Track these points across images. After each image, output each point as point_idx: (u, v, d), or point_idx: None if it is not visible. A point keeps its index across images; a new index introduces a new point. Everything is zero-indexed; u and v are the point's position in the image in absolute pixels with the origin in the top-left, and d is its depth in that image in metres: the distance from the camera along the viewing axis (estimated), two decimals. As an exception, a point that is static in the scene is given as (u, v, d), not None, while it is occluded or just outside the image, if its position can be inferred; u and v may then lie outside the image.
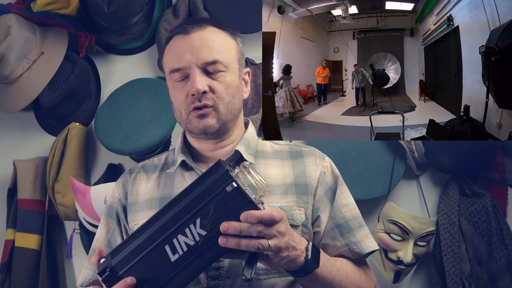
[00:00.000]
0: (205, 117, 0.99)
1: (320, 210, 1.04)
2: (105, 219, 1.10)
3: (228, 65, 1.01)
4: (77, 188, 1.60)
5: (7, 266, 1.74)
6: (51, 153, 1.76)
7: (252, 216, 0.78)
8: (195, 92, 0.97)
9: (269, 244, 0.80)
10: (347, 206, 1.08)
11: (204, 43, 1.00)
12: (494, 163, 1.62)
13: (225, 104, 1.00)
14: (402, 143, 1.56)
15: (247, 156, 1.04)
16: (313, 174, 1.05)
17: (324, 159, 1.09)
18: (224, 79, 1.00)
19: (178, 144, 1.10)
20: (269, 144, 1.12)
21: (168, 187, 1.05)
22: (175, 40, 1.03)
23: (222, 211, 0.79)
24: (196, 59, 0.98)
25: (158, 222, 0.81)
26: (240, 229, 0.78)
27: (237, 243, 0.78)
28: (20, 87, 1.72)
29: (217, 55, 0.99)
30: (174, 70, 1.01)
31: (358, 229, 1.06)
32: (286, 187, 1.03)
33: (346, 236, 1.05)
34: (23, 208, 1.75)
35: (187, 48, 0.99)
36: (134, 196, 1.08)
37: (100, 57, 1.89)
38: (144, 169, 1.12)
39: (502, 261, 1.52)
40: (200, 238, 0.80)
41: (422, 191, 1.69)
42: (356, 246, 1.05)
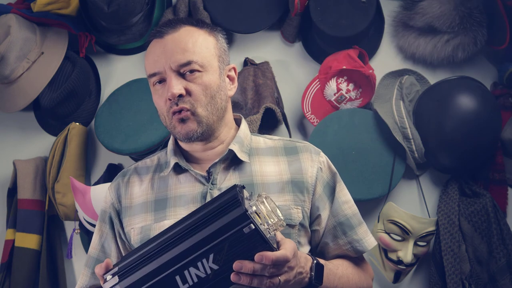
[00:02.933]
0: (185, 122, 0.97)
1: (320, 208, 1.03)
2: (99, 224, 1.09)
3: (204, 65, 0.98)
4: (77, 188, 1.60)
5: (7, 266, 1.74)
6: (51, 153, 1.76)
7: (267, 259, 0.78)
8: (171, 97, 0.95)
9: (280, 280, 0.80)
10: (347, 203, 1.07)
11: (177, 45, 0.97)
12: (494, 163, 1.62)
13: (203, 106, 0.98)
14: (402, 143, 1.56)
15: (241, 154, 1.02)
16: (309, 170, 1.04)
17: (319, 155, 1.07)
18: (201, 80, 0.97)
19: (170, 145, 1.08)
20: (262, 140, 1.10)
21: (162, 189, 1.04)
22: (151, 44, 1.02)
23: (237, 248, 0.79)
24: (170, 62, 0.96)
25: (171, 251, 0.81)
26: (254, 270, 0.78)
27: (249, 281, 0.79)
28: (20, 87, 1.72)
29: (191, 56, 0.97)
30: (151, 75, 0.99)
31: (359, 226, 1.06)
32: (283, 185, 1.01)
33: (349, 234, 1.04)
34: (23, 208, 1.75)
35: (161, 52, 0.98)
36: (129, 199, 1.06)
37: (100, 57, 1.89)
38: (137, 171, 1.10)
39: (502, 261, 1.52)
40: (211, 271, 0.79)
41: (422, 191, 1.69)
42: (358, 243, 1.05)
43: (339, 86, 1.66)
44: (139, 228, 1.02)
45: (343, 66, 1.62)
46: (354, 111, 1.65)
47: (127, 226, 1.04)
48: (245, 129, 1.08)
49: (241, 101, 1.67)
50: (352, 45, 1.67)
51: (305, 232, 1.02)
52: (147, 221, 1.01)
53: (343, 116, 1.64)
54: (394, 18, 1.74)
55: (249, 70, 1.72)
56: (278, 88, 1.75)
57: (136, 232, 1.02)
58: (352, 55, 1.64)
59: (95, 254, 1.08)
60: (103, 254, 1.07)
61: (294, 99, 1.78)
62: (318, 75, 1.69)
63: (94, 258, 1.08)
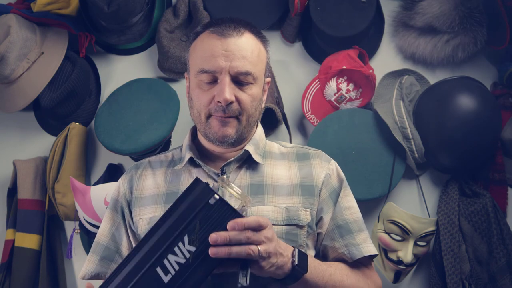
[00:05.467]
0: (226, 126, 0.98)
1: (323, 211, 1.04)
2: (110, 212, 1.10)
3: (257, 78, 1.00)
4: (77, 188, 1.60)
5: (7, 266, 1.73)
6: (51, 153, 1.76)
7: (239, 224, 0.79)
8: (222, 101, 0.96)
9: (259, 249, 0.80)
10: (349, 209, 1.08)
11: (240, 51, 0.97)
12: (494, 163, 1.62)
13: (247, 116, 1.00)
14: (402, 143, 1.56)
15: (255, 156, 1.04)
16: (319, 176, 1.05)
17: (330, 162, 1.09)
18: (251, 91, 0.99)
19: (186, 141, 1.09)
20: (276, 146, 1.12)
21: (175, 183, 1.05)
22: (209, 39, 0.99)
23: (208, 224, 0.80)
24: (230, 67, 0.96)
25: (146, 245, 0.81)
26: (229, 238, 0.79)
27: (228, 251, 0.79)
28: (20, 87, 1.72)
29: (250, 67, 0.98)
30: (204, 71, 0.98)
31: (358, 232, 1.06)
32: (292, 188, 1.03)
33: (346, 237, 1.04)
34: (23, 208, 1.74)
35: (222, 53, 0.97)
36: (140, 190, 1.07)
37: (100, 57, 1.89)
38: (151, 164, 1.11)
39: (502, 261, 1.52)
40: (190, 255, 0.80)
41: (422, 191, 1.69)
42: (355, 248, 1.04)
43: (339, 86, 1.66)
44: (147, 219, 1.03)
45: (343, 66, 1.62)
46: (354, 111, 1.65)
47: (136, 216, 1.05)
48: (260, 133, 1.11)
49: (241, 101, 1.67)
50: (352, 45, 1.67)
51: (313, 235, 1.03)
52: (156, 212, 1.02)
53: (343, 116, 1.65)
54: (394, 18, 1.74)
55: (249, 70, 1.72)
56: (278, 88, 1.74)
57: (145, 222, 1.03)
58: (352, 55, 1.64)
59: (104, 241, 1.08)
60: (113, 243, 1.07)
61: (294, 99, 1.78)
62: (318, 75, 1.69)
63: (103, 245, 1.07)
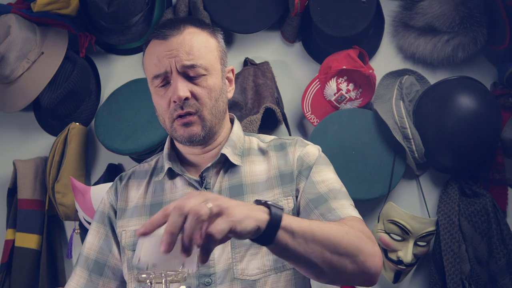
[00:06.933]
0: (189, 126, 0.97)
1: (298, 191, 1.00)
2: (97, 225, 1.08)
3: (208, 68, 0.98)
4: (77, 188, 1.60)
5: (7, 266, 1.73)
6: (51, 153, 1.76)
7: (154, 223, 0.70)
8: (177, 99, 0.95)
9: (207, 207, 0.67)
10: (323, 182, 0.99)
11: (182, 47, 0.96)
12: (494, 163, 1.62)
13: (209, 110, 0.98)
14: (402, 143, 1.56)
15: (233, 158, 1.02)
16: (294, 160, 1.02)
17: (305, 147, 1.05)
18: (205, 83, 0.97)
19: (166, 150, 1.08)
20: (256, 141, 1.09)
21: (159, 193, 1.04)
22: (152, 45, 1.00)
23: None
24: (176, 64, 0.96)
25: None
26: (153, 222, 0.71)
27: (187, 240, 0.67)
28: (20, 87, 1.72)
29: (196, 59, 0.96)
30: (155, 77, 0.98)
31: (333, 200, 0.96)
32: (271, 181, 1.01)
33: (320, 207, 0.95)
34: (23, 208, 1.74)
35: (165, 54, 0.96)
36: (124, 202, 1.06)
37: (100, 57, 1.89)
38: (135, 175, 1.10)
39: (502, 261, 1.52)
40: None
41: (422, 191, 1.69)
42: (331, 213, 0.93)
43: (339, 86, 1.66)
44: (131, 231, 1.01)
45: (343, 66, 1.62)
46: (354, 111, 1.65)
47: (119, 228, 1.04)
48: (237, 130, 1.08)
49: (241, 101, 1.67)
50: (352, 45, 1.67)
51: None
52: (141, 224, 1.01)
53: (343, 116, 1.64)
54: (394, 18, 1.74)
55: (249, 70, 1.72)
56: (278, 88, 1.74)
57: (128, 235, 1.02)
58: (352, 55, 1.64)
59: (93, 255, 1.06)
60: (101, 256, 1.06)
61: (294, 99, 1.78)
62: (318, 75, 1.69)
63: (92, 260, 1.05)
